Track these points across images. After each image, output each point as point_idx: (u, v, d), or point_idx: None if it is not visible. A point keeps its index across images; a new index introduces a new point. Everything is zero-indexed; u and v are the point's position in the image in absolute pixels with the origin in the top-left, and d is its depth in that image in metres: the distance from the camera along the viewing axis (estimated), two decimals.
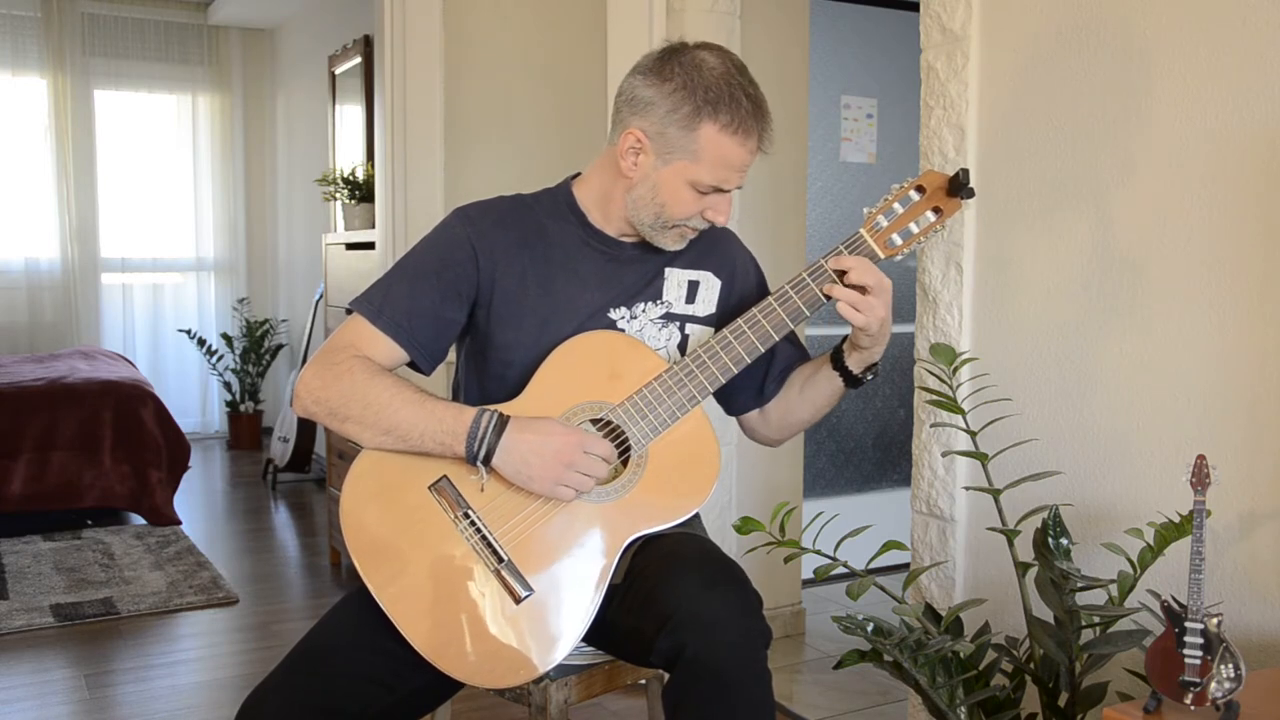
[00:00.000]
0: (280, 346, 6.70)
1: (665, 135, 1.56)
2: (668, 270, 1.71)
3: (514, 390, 1.61)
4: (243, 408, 6.63)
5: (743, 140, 1.56)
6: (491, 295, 1.64)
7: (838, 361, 1.68)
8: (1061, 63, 1.89)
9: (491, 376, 1.67)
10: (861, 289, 1.56)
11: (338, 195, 4.74)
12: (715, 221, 1.62)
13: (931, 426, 2.11)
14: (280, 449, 5.45)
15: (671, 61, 1.57)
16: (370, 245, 4.12)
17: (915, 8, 3.74)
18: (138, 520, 4.71)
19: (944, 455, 2.08)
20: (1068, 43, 1.88)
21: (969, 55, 2.04)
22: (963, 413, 1.85)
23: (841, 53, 3.95)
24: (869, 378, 1.69)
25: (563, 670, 1.64)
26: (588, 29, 3.73)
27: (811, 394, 1.73)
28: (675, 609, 1.41)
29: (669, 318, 1.69)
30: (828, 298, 1.58)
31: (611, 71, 3.03)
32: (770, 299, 1.60)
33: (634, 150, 1.59)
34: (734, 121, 1.54)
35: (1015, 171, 1.98)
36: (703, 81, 1.54)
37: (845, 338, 1.69)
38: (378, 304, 1.61)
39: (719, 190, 1.59)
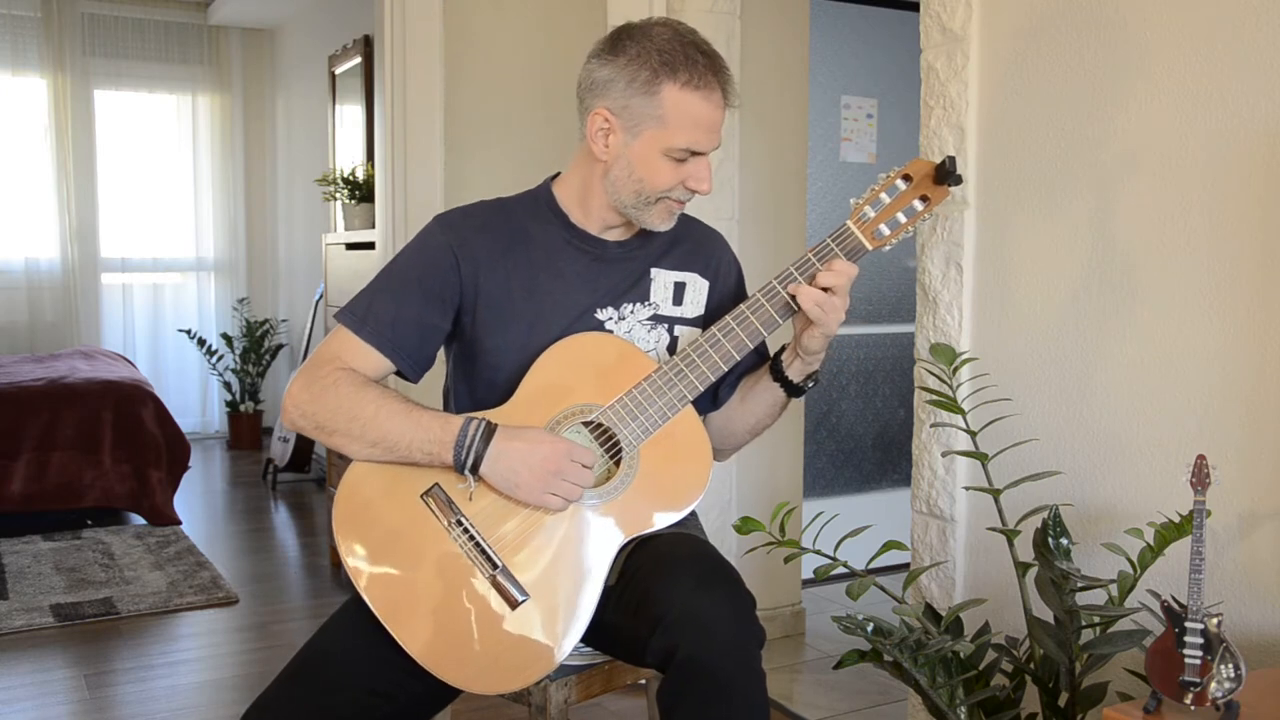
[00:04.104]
0: (280, 346, 6.70)
1: (630, 108, 1.56)
2: (654, 271, 1.70)
3: (504, 394, 1.60)
4: (243, 408, 6.63)
5: (706, 95, 1.55)
6: (476, 301, 1.63)
7: (777, 372, 1.67)
8: (1061, 63, 1.89)
9: (481, 381, 1.66)
10: (827, 290, 1.56)
11: (338, 195, 4.74)
12: (698, 190, 1.60)
13: (931, 426, 2.11)
14: (280, 449, 5.45)
15: (621, 39, 1.59)
16: (370, 245, 4.12)
17: (915, 8, 3.74)
18: (138, 520, 4.71)
19: (944, 455, 2.08)
20: (1068, 43, 1.88)
21: (969, 55, 2.04)
22: (963, 413, 1.85)
23: (841, 53, 3.95)
24: (810, 386, 1.68)
25: (563, 670, 1.64)
26: (588, 29, 3.72)
27: (752, 404, 1.72)
28: (668, 610, 1.41)
29: (657, 319, 1.69)
30: (792, 297, 1.57)
31: None
32: (758, 294, 1.59)
33: (603, 131, 1.59)
34: (693, 78, 1.54)
35: (1015, 171, 1.98)
36: (654, 47, 1.55)
37: (783, 347, 1.68)
38: (361, 315, 1.61)
39: (694, 154, 1.58)
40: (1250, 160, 1.63)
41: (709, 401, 1.75)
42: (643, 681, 1.84)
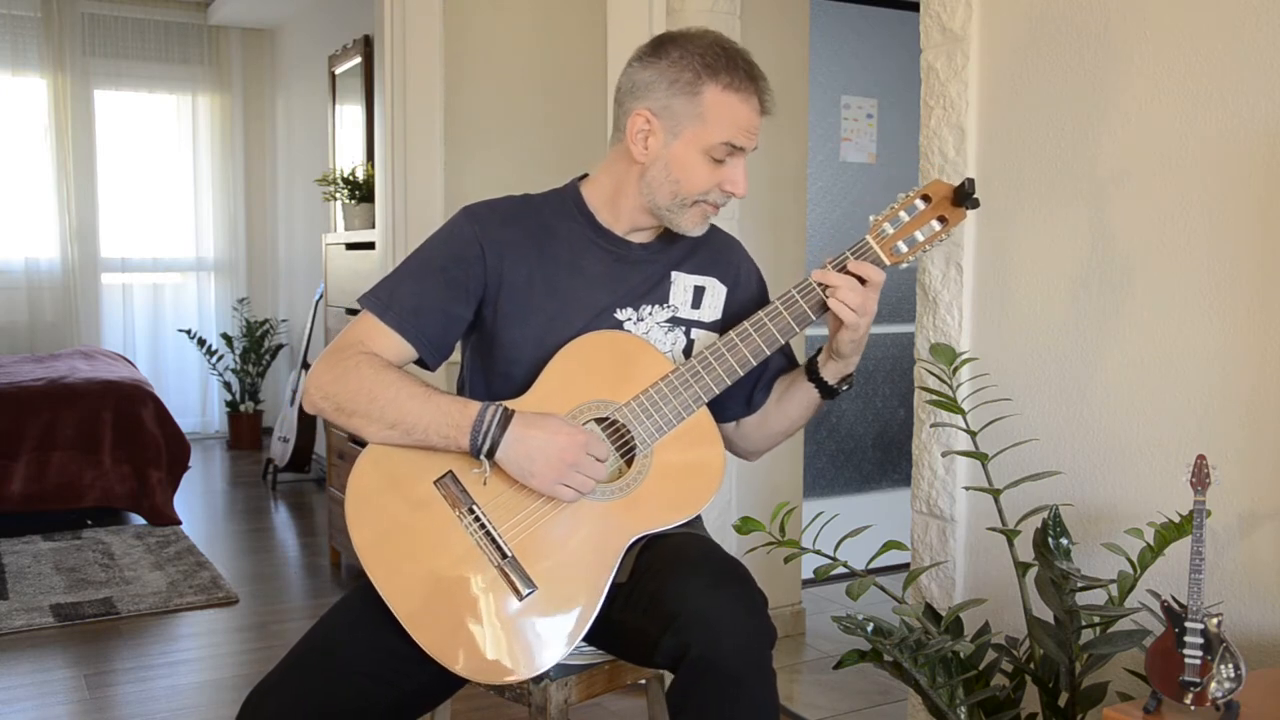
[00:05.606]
0: (280, 346, 6.70)
1: (671, 108, 1.59)
2: (674, 274, 1.72)
3: (520, 388, 1.61)
4: (243, 408, 6.63)
5: (745, 98, 1.59)
6: (498, 293, 1.64)
7: (813, 373, 1.69)
8: (1062, 63, 1.89)
9: (498, 374, 1.67)
10: (860, 279, 1.57)
11: (338, 195, 4.75)
12: (734, 193, 1.63)
13: (931, 426, 2.11)
14: (280, 449, 5.45)
15: (664, 43, 1.62)
16: (370, 245, 4.12)
17: (915, 8, 3.74)
18: (138, 520, 4.71)
19: (944, 455, 2.09)
20: (1068, 43, 1.88)
21: (969, 55, 2.04)
22: (963, 413, 1.85)
23: (841, 53, 3.96)
24: (844, 389, 1.69)
25: (563, 670, 1.64)
26: (588, 29, 3.73)
27: (787, 406, 1.74)
28: (680, 609, 1.41)
29: (675, 322, 1.70)
30: (825, 287, 1.58)
31: (611, 72, 3.03)
32: (776, 302, 1.61)
33: (644, 133, 1.61)
34: (734, 81, 1.58)
35: (1015, 172, 1.98)
36: (697, 50, 1.59)
37: (820, 349, 1.69)
38: (385, 300, 1.63)
39: (732, 150, 1.60)
40: (1250, 160, 1.63)
41: (743, 405, 1.76)
42: (643, 681, 1.84)
